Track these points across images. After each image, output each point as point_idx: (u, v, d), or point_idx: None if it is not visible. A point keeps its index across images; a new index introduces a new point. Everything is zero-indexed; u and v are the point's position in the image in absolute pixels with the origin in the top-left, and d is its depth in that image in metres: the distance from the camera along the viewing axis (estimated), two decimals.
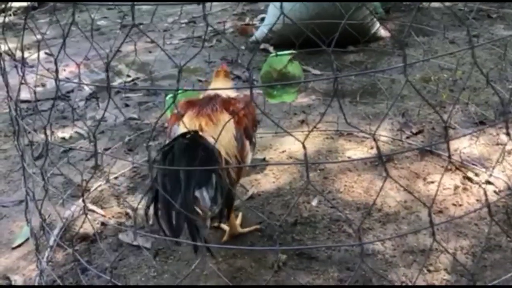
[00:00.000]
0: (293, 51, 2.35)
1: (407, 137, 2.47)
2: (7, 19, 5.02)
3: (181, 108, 1.73)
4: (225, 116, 1.66)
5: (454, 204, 1.97)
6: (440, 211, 1.94)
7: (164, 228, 1.37)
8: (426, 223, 1.89)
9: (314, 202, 2.03)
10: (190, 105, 1.73)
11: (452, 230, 1.83)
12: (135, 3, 0.83)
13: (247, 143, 1.70)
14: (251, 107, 1.77)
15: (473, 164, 2.20)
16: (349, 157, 2.33)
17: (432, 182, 2.11)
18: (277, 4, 3.43)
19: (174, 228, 1.37)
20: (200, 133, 1.58)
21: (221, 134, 1.49)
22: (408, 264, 1.70)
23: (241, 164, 1.65)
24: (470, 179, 2.11)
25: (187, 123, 1.63)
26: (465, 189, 2.06)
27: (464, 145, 2.32)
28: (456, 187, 2.06)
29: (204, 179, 1.42)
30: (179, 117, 1.67)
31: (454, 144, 2.34)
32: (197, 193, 1.39)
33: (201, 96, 1.83)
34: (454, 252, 1.71)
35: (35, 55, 1.63)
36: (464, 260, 1.69)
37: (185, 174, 1.39)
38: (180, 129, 1.65)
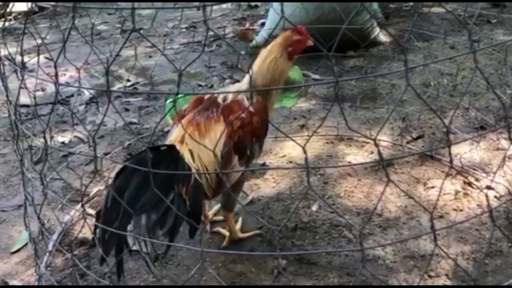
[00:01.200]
0: None
1: (408, 142, 2.47)
2: (7, 24, 5.03)
3: (190, 104, 1.72)
4: (218, 127, 1.60)
5: (455, 209, 1.96)
6: (441, 216, 1.93)
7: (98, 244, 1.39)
8: (426, 228, 1.88)
9: (314, 207, 2.03)
10: (195, 105, 1.71)
11: (453, 236, 1.82)
12: (135, 7, 0.83)
13: (234, 158, 1.61)
14: (256, 116, 1.65)
15: (473, 169, 2.20)
16: (349, 162, 2.33)
17: (433, 187, 2.10)
18: (278, 9, 3.44)
19: (104, 248, 1.39)
20: (178, 146, 1.57)
21: (203, 147, 1.51)
22: (408, 269, 1.69)
23: (222, 179, 1.57)
24: (470, 184, 2.10)
25: (176, 131, 1.64)
26: (466, 194, 2.05)
27: (465, 150, 2.31)
28: (456, 192, 2.05)
29: (152, 201, 1.40)
30: (181, 116, 1.66)
31: (455, 149, 2.34)
32: (133, 220, 1.39)
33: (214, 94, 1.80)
34: (455, 257, 1.71)
35: (35, 60, 1.62)
36: (465, 266, 1.68)
37: (132, 195, 1.40)
38: (176, 130, 1.65)
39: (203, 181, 1.58)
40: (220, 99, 1.70)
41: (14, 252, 1.88)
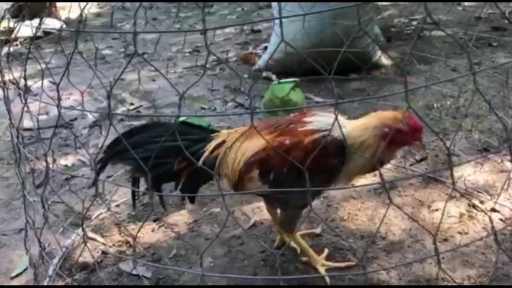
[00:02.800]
0: (295, 79, 2.38)
1: (411, 164, 2.46)
2: (13, 49, 5.10)
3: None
4: (261, 139, 1.52)
5: (460, 232, 1.94)
6: (446, 240, 1.91)
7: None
8: (431, 251, 1.85)
9: (317, 230, 2.00)
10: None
11: (459, 259, 1.79)
12: (139, 31, 0.84)
13: (254, 171, 1.59)
14: (302, 152, 1.51)
15: (478, 192, 2.18)
16: (352, 184, 2.31)
17: (437, 210, 2.08)
18: (279, 33, 3.48)
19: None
20: (220, 134, 1.68)
21: (236, 147, 1.57)
22: None
23: (238, 184, 1.63)
24: (475, 207, 2.08)
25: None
26: (470, 217, 2.03)
27: (469, 172, 2.30)
28: (461, 215, 2.03)
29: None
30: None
31: (459, 172, 2.32)
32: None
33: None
34: (461, 281, 1.68)
35: (40, 83, 1.64)
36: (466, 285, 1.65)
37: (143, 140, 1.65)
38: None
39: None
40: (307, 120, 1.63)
41: (14, 277, 1.86)
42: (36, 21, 1.65)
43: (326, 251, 1.84)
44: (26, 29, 2.21)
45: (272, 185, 1.60)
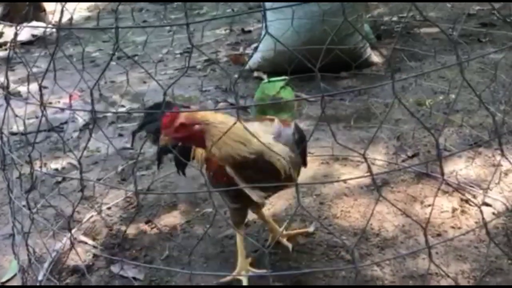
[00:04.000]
0: (286, 77, 2.36)
1: (403, 161, 2.45)
2: (3, 54, 5.06)
3: None
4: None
5: (452, 227, 1.93)
6: (439, 234, 1.90)
7: None
8: (424, 246, 1.85)
9: (310, 229, 1.99)
10: None
11: (452, 254, 1.79)
12: (119, 26, 0.82)
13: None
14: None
15: (470, 186, 2.18)
16: (343, 181, 2.31)
17: (429, 205, 2.08)
18: (270, 31, 3.47)
19: None
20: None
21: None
22: None
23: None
24: (467, 201, 2.08)
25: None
26: (463, 211, 2.03)
27: (460, 167, 2.30)
28: (454, 210, 2.03)
29: None
30: None
31: (450, 167, 2.32)
32: None
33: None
34: (454, 276, 1.67)
35: (30, 87, 1.61)
36: (465, 285, 1.64)
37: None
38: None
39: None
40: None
41: (4, 283, 1.83)
42: (22, 27, 1.63)
43: (249, 259, 1.79)
44: (13, 33, 2.18)
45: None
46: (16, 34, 1.51)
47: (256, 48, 4.22)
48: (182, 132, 1.48)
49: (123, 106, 3.42)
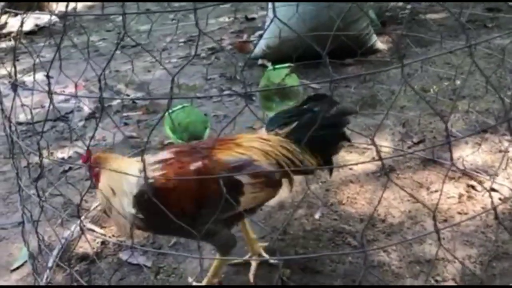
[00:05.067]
0: (291, 64, 2.36)
1: (409, 147, 2.45)
2: (7, 44, 5.06)
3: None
4: (235, 136, 1.62)
5: (459, 213, 1.94)
6: (445, 220, 1.90)
7: None
8: (432, 231, 1.86)
9: (317, 215, 2.00)
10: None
11: (459, 239, 1.79)
12: (126, 13, 0.82)
13: None
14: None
15: (477, 172, 2.17)
16: (350, 168, 2.31)
17: (436, 191, 2.08)
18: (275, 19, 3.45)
19: None
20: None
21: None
22: (415, 274, 1.66)
23: None
24: (474, 187, 2.08)
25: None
26: (469, 197, 2.03)
27: (467, 153, 2.29)
28: (460, 196, 2.03)
29: None
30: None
31: (457, 152, 2.32)
32: None
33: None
34: (461, 261, 1.68)
35: (35, 77, 1.62)
36: (473, 269, 1.65)
37: None
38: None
39: None
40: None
41: (14, 270, 1.86)
42: (29, 15, 1.63)
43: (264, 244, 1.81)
44: (18, 23, 2.18)
45: None
46: (22, 23, 1.51)
47: (261, 36, 4.20)
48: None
49: (127, 95, 3.43)
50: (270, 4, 3.48)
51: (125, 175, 1.39)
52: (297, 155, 1.58)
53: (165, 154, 1.52)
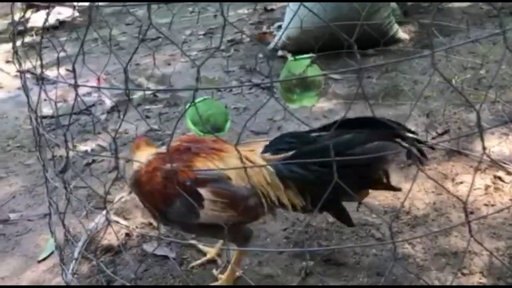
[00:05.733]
0: (312, 55, 2.32)
1: (433, 138, 2.41)
2: (30, 39, 5.14)
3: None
4: (230, 147, 1.52)
5: (486, 204, 1.90)
6: (472, 212, 1.87)
7: None
8: (456, 224, 1.82)
9: None
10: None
11: (486, 232, 1.76)
12: (152, 16, 0.81)
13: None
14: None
15: (503, 163, 2.12)
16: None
17: (462, 183, 2.04)
18: (295, 8, 3.42)
19: None
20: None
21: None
22: (440, 267, 1.64)
23: None
24: (501, 178, 2.03)
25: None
26: (496, 188, 1.98)
27: (493, 144, 2.24)
28: (487, 187, 1.99)
29: None
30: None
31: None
32: None
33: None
34: (489, 253, 1.64)
35: (58, 71, 1.64)
36: (500, 262, 1.61)
37: None
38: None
39: None
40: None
41: (41, 261, 1.89)
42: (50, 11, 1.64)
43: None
44: (41, 19, 2.21)
45: None
46: (46, 19, 1.52)
47: (280, 27, 4.16)
48: None
49: (148, 88, 3.44)
50: None
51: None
52: (275, 189, 1.42)
53: (163, 148, 1.60)
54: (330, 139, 1.34)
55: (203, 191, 1.42)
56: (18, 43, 1.74)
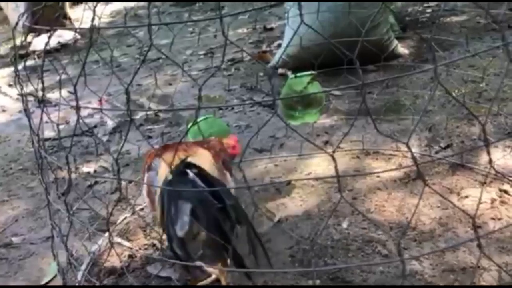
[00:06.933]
0: (313, 72, 2.34)
1: (436, 152, 2.40)
2: (32, 62, 5.18)
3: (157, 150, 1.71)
4: (202, 150, 1.66)
5: (493, 218, 1.88)
6: (479, 227, 1.84)
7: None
8: (464, 239, 1.80)
9: (344, 224, 1.97)
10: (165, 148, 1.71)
11: (494, 246, 1.73)
12: (152, 23, 0.82)
13: (227, 174, 1.67)
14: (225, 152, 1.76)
15: (508, 177, 2.11)
16: (377, 176, 2.27)
17: (467, 197, 2.02)
18: (294, 26, 3.44)
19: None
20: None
21: (202, 164, 1.52)
22: (449, 283, 1.61)
23: None
24: (507, 192, 2.01)
25: (168, 157, 1.54)
26: (502, 202, 1.96)
27: (497, 157, 2.23)
28: (493, 201, 1.97)
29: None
30: (158, 153, 1.64)
31: (486, 157, 2.25)
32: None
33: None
34: (498, 269, 1.62)
35: (59, 94, 1.64)
36: (510, 277, 1.59)
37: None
38: (161, 163, 1.61)
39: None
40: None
41: (44, 285, 1.87)
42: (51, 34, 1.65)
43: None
44: (43, 43, 2.23)
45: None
46: (48, 42, 1.53)
47: (280, 45, 4.19)
48: None
49: (150, 108, 3.45)
50: (290, 12, 3.47)
51: None
52: None
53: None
54: None
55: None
56: (20, 66, 1.75)
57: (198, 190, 1.40)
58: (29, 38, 4.95)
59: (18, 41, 1.65)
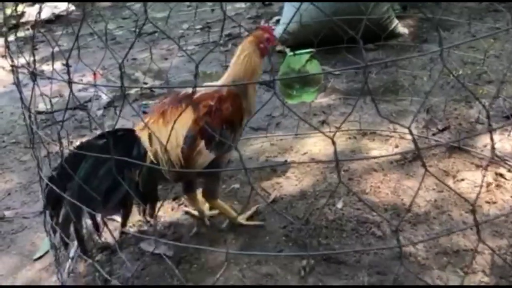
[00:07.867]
0: (312, 50, 2.29)
1: (433, 134, 2.38)
2: (25, 33, 5.08)
3: (160, 102, 1.78)
4: (184, 114, 1.61)
5: (487, 202, 1.87)
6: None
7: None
8: (458, 222, 1.80)
9: (339, 205, 1.96)
10: (171, 100, 1.74)
11: (488, 230, 1.74)
12: (148, 9, 0.78)
13: (200, 143, 1.64)
14: (226, 104, 1.69)
15: (505, 160, 2.10)
16: (374, 157, 2.26)
17: (463, 180, 2.02)
18: (294, 3, 3.38)
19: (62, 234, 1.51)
20: (138, 131, 1.65)
21: (164, 132, 1.59)
22: (442, 266, 1.61)
23: (183, 163, 1.63)
24: (503, 175, 2.01)
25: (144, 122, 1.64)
26: (498, 185, 1.96)
27: (495, 140, 2.21)
28: (488, 184, 1.96)
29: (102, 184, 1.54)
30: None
31: (484, 140, 2.25)
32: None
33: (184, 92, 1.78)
34: (492, 252, 1.62)
35: (53, 66, 1.60)
36: (503, 261, 1.59)
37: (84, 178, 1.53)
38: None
39: (163, 164, 1.61)
40: (191, 92, 1.72)
41: (37, 259, 1.86)
42: (45, 4, 1.60)
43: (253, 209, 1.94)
44: (36, 12, 2.16)
45: (220, 149, 1.68)
46: (39, 12, 1.48)
47: (278, 21, 4.12)
48: None
49: (146, 83, 3.41)
50: None
51: None
52: None
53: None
54: None
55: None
56: (12, 37, 1.70)
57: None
58: (23, 7, 4.84)
59: (8, 11, 1.60)
